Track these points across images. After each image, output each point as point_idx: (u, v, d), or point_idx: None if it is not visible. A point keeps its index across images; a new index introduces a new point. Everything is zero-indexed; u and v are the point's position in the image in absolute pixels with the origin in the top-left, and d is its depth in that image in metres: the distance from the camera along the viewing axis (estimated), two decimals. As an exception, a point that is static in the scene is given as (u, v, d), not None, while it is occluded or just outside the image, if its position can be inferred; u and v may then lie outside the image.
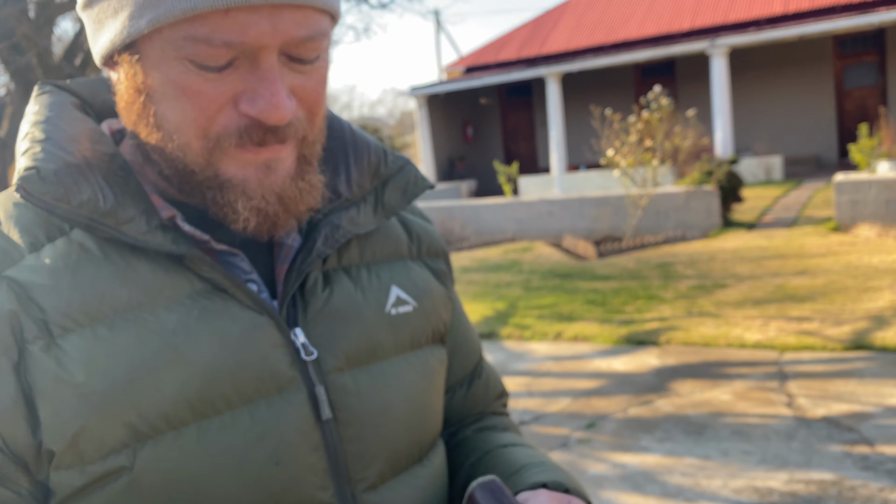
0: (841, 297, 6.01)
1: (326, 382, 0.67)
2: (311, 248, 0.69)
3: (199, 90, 0.59)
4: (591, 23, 18.64)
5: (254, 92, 0.59)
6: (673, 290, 7.01)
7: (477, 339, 0.93)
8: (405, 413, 0.72)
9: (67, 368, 0.58)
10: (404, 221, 0.83)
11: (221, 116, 0.60)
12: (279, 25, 0.58)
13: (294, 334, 0.67)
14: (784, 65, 16.82)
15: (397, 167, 0.78)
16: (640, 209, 10.06)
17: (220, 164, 0.62)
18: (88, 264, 0.62)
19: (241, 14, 0.56)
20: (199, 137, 0.61)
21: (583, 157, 17.51)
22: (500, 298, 7.53)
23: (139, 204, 0.63)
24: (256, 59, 0.59)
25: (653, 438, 3.86)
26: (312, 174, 0.66)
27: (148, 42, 0.59)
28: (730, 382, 4.56)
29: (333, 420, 0.67)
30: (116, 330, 0.60)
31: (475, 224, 11.93)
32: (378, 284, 0.75)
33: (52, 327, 0.59)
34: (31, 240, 0.62)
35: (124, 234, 0.61)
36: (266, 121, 0.60)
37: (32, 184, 0.59)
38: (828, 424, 3.80)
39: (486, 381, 0.93)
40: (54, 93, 0.70)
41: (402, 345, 0.75)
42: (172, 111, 0.60)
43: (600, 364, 5.22)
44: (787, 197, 12.15)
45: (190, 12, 0.55)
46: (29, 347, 0.59)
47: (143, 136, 0.64)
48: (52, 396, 0.58)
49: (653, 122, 10.56)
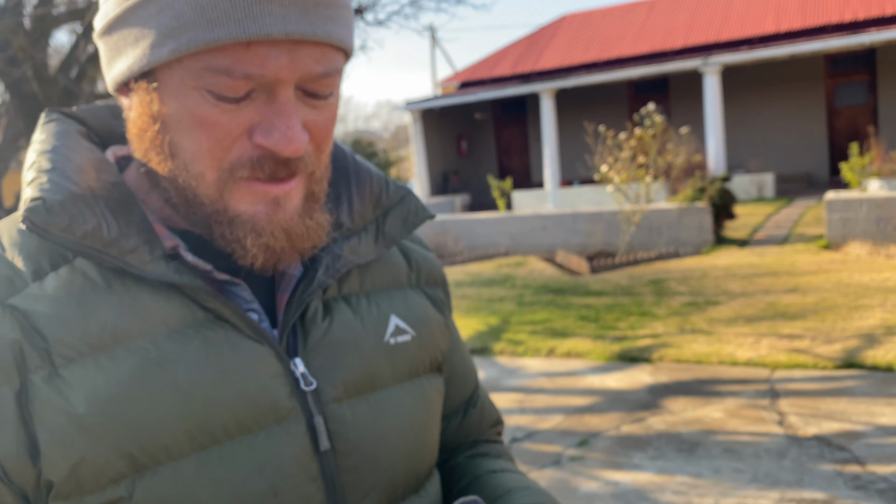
0: (832, 315, 6.04)
1: (325, 413, 0.67)
2: (313, 277, 0.70)
3: (215, 121, 0.59)
4: (585, 40, 18.78)
5: (269, 124, 0.60)
6: (666, 307, 7.03)
7: (473, 366, 0.93)
8: (403, 443, 0.72)
9: (68, 399, 0.58)
10: (404, 249, 0.84)
11: (236, 147, 0.61)
12: (298, 60, 0.59)
13: (294, 364, 0.67)
14: (776, 83, 16.97)
15: (398, 197, 0.79)
16: (633, 225, 10.10)
17: (231, 199, 0.62)
18: (91, 293, 0.62)
19: (262, 48, 0.57)
20: (214, 168, 0.61)
21: (576, 172, 17.60)
22: (493, 313, 7.54)
23: (142, 234, 0.64)
24: (273, 91, 0.60)
25: (645, 456, 3.86)
26: (319, 212, 0.67)
27: (167, 71, 0.60)
28: (721, 400, 4.57)
29: (332, 451, 0.67)
30: (118, 360, 0.60)
31: (468, 238, 11.95)
32: (377, 314, 0.75)
33: (54, 357, 0.59)
34: (34, 268, 0.62)
35: (127, 264, 0.62)
36: (280, 153, 0.60)
37: (38, 215, 0.60)
38: (819, 443, 3.81)
39: (481, 410, 0.93)
40: (61, 121, 0.70)
41: (400, 374, 0.75)
42: (188, 140, 0.61)
43: (593, 381, 5.22)
44: (778, 214, 12.22)
45: (212, 43, 0.56)
46: (31, 377, 0.59)
47: (155, 163, 0.64)
48: (52, 427, 0.58)
49: (646, 139, 10.63)
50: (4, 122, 5.91)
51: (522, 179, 20.14)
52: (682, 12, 18.05)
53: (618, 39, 18.10)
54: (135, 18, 0.59)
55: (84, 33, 5.01)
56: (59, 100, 4.90)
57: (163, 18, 0.58)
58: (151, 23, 0.58)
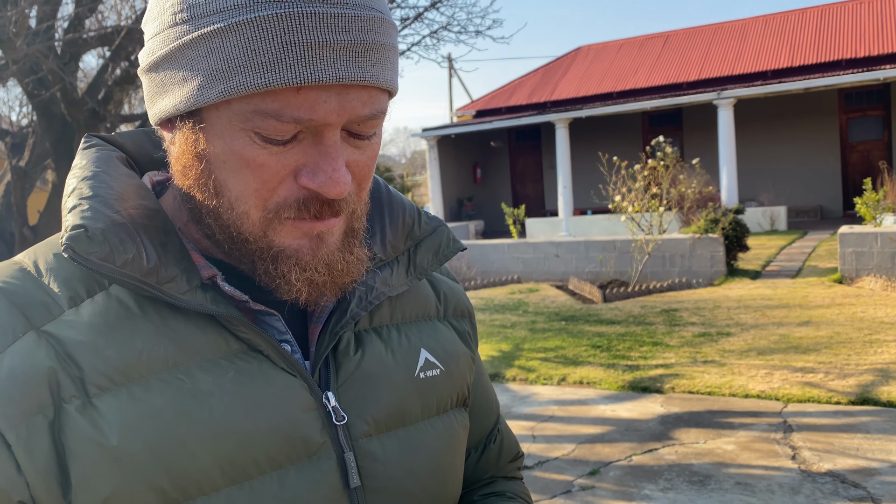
0: (846, 350, 6.02)
1: (355, 448, 0.67)
2: (346, 309, 0.69)
3: (262, 162, 0.59)
4: (600, 71, 18.95)
5: (315, 166, 0.60)
6: (678, 337, 7.03)
7: (495, 400, 0.92)
8: (430, 481, 0.72)
9: (102, 430, 0.57)
10: (432, 281, 0.84)
11: (282, 188, 0.61)
12: (346, 104, 0.58)
13: (326, 398, 0.67)
14: (790, 117, 17.02)
15: (430, 229, 0.79)
16: (646, 254, 10.11)
17: (276, 236, 0.62)
18: (126, 322, 0.61)
19: (312, 92, 0.57)
20: (259, 208, 0.61)
21: (590, 201, 17.64)
22: (505, 339, 7.55)
23: (181, 263, 0.63)
24: (320, 134, 0.60)
25: (656, 487, 3.85)
26: (358, 247, 0.67)
27: (214, 111, 0.60)
28: (734, 432, 4.56)
29: (361, 487, 0.67)
30: (152, 390, 0.60)
31: (481, 264, 11.98)
32: (408, 347, 0.75)
33: (88, 386, 0.58)
34: (70, 294, 0.62)
35: (165, 294, 0.61)
36: (326, 195, 0.60)
37: (80, 243, 0.59)
38: (833, 479, 3.79)
39: (500, 445, 0.92)
40: (100, 146, 0.70)
41: (428, 409, 0.75)
42: (234, 180, 0.61)
43: (605, 410, 5.22)
44: (791, 247, 12.19)
45: (263, 88, 0.56)
46: (65, 406, 0.58)
47: (200, 199, 0.64)
48: (85, 458, 0.57)
49: (659, 170, 10.68)
50: (31, 142, 6.04)
51: (536, 207, 20.22)
52: (697, 46, 18.20)
53: (633, 71, 18.24)
54: (183, 58, 0.59)
55: (111, 58, 5.14)
56: (86, 121, 5.01)
57: (212, 60, 0.57)
58: (200, 64, 0.58)
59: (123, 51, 5.09)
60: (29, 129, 6.70)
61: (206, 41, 0.57)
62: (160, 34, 0.61)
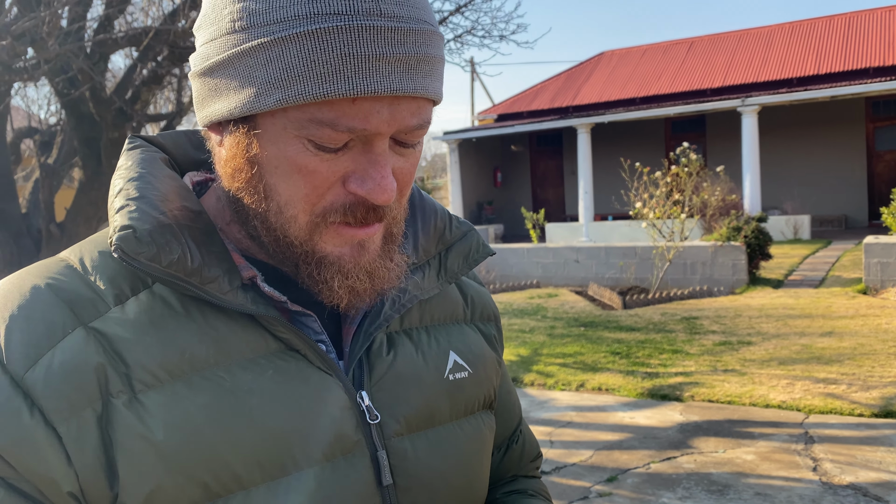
0: (869, 361, 5.94)
1: (388, 447, 0.68)
2: (379, 311, 0.71)
3: (314, 168, 0.61)
4: (623, 76, 18.87)
5: (364, 173, 0.62)
6: (698, 346, 6.98)
7: (518, 402, 0.95)
8: (458, 480, 0.74)
9: (147, 425, 0.59)
10: (460, 285, 0.85)
11: (330, 193, 0.62)
12: (397, 114, 0.60)
13: (360, 397, 0.68)
14: (815, 124, 16.85)
15: (461, 233, 0.81)
16: (667, 261, 10.05)
17: (320, 241, 0.64)
18: (170, 320, 0.63)
19: (367, 103, 0.58)
20: (307, 212, 0.63)
21: (611, 206, 17.57)
22: (524, 344, 7.54)
23: (222, 264, 0.65)
24: (370, 142, 0.61)
25: (674, 496, 3.83)
26: (397, 253, 0.69)
27: (269, 118, 0.61)
28: (753, 442, 4.52)
29: (393, 485, 0.68)
30: (194, 388, 0.61)
31: (500, 268, 11.97)
32: (437, 349, 0.77)
33: (134, 382, 0.60)
34: (116, 292, 0.63)
35: (208, 294, 0.63)
36: (374, 201, 0.62)
37: (129, 244, 0.60)
38: (855, 492, 3.75)
39: (523, 445, 0.94)
40: (144, 148, 0.72)
41: (457, 411, 0.76)
42: (284, 185, 0.62)
43: (623, 417, 5.19)
44: (814, 256, 12.06)
45: (321, 98, 0.57)
46: (113, 401, 0.59)
47: (248, 202, 0.65)
48: (131, 452, 0.59)
49: (682, 176, 10.62)
50: (59, 140, 6.13)
51: (557, 212, 20.17)
52: (722, 52, 18.08)
53: (656, 77, 18.15)
54: (240, 65, 0.60)
55: (139, 58, 5.21)
56: (114, 120, 5.08)
57: (271, 69, 0.58)
58: (258, 72, 0.59)
59: (151, 51, 5.15)
60: (57, 127, 6.80)
61: (265, 50, 0.58)
62: (216, 40, 0.62)
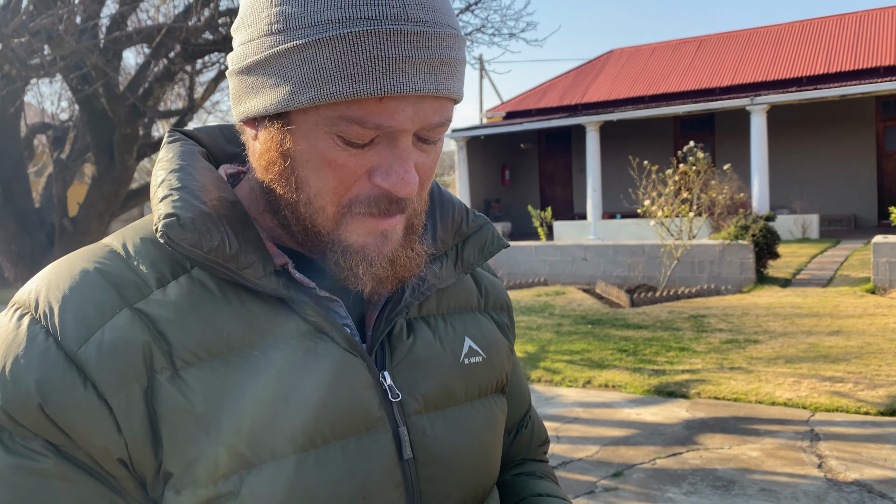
0: (876, 360, 5.95)
1: (408, 424, 0.73)
2: (400, 298, 0.76)
3: (342, 163, 0.65)
4: (632, 74, 18.85)
5: (389, 167, 0.66)
6: (705, 343, 7.00)
7: (527, 389, 0.99)
8: (473, 457, 0.78)
9: (189, 399, 0.64)
10: (475, 275, 0.90)
11: (356, 186, 0.67)
12: (420, 113, 0.64)
13: (383, 377, 0.73)
14: (824, 124, 16.80)
15: (477, 226, 0.85)
16: (674, 260, 10.07)
17: (345, 230, 0.68)
18: (208, 302, 0.68)
19: (393, 102, 0.63)
20: (335, 203, 0.67)
21: (619, 205, 17.57)
22: (531, 341, 7.57)
23: (257, 251, 0.69)
24: (395, 139, 0.65)
25: (679, 491, 3.86)
26: (418, 243, 0.73)
27: (302, 115, 0.65)
28: (759, 439, 4.54)
29: (413, 460, 0.72)
30: (231, 366, 0.66)
31: (508, 266, 12.01)
32: (453, 335, 0.81)
33: (175, 360, 0.65)
34: (157, 275, 0.68)
35: (244, 278, 0.67)
36: (397, 194, 0.66)
37: (173, 230, 0.65)
38: (860, 489, 3.77)
39: (532, 430, 0.99)
40: (183, 141, 0.76)
41: (472, 393, 0.81)
42: (314, 177, 0.66)
43: (629, 413, 5.23)
44: (823, 255, 12.05)
45: (351, 97, 0.62)
46: (157, 377, 0.64)
47: (280, 193, 0.69)
48: (174, 424, 0.63)
49: (690, 175, 10.63)
50: (72, 136, 6.20)
51: (565, 210, 20.18)
52: (731, 51, 18.04)
53: (665, 75, 18.13)
54: (277, 65, 0.64)
55: (152, 55, 5.27)
56: (126, 116, 5.14)
57: (305, 69, 0.62)
58: (293, 72, 0.63)
59: (164, 48, 5.21)
60: (69, 122, 6.87)
61: (300, 51, 0.63)
62: (254, 41, 0.66)
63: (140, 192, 6.40)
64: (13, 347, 0.63)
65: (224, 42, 5.32)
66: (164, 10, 6.46)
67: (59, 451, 0.63)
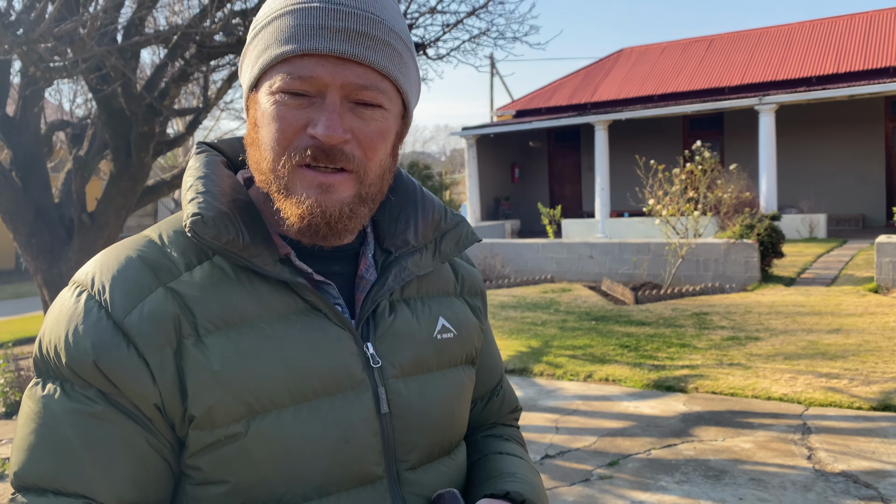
0: (873, 358, 6.06)
1: (386, 385, 0.89)
2: (384, 283, 0.92)
3: (283, 115, 0.82)
4: (642, 74, 18.91)
5: (318, 119, 0.81)
6: (706, 340, 7.12)
7: (500, 363, 1.15)
8: (440, 415, 0.94)
9: (209, 359, 0.80)
10: (453, 265, 1.07)
11: (297, 138, 0.82)
12: (341, 72, 0.81)
13: (366, 347, 0.89)
14: (833, 123, 16.81)
15: (454, 223, 1.01)
16: (679, 258, 10.18)
17: (291, 181, 0.83)
18: (226, 284, 0.84)
19: (314, 58, 0.81)
20: (280, 153, 0.83)
21: (627, 203, 17.66)
22: (535, 336, 7.72)
23: (265, 243, 0.85)
24: (324, 97, 0.81)
25: (672, 480, 4.01)
26: (362, 209, 0.86)
27: (261, 85, 0.85)
28: (752, 432, 4.68)
29: (389, 414, 0.89)
30: (243, 334, 0.82)
31: (515, 262, 12.15)
32: (429, 315, 0.97)
33: (199, 328, 0.81)
34: (186, 261, 0.85)
35: (254, 265, 0.84)
36: (323, 141, 0.80)
37: (198, 226, 0.82)
38: (846, 479, 3.90)
39: (503, 398, 1.14)
40: (208, 153, 0.94)
41: (443, 363, 0.97)
42: (267, 132, 0.83)
43: (628, 406, 5.37)
44: (828, 255, 12.11)
45: (282, 56, 0.81)
46: (184, 341, 0.80)
47: (251, 158, 0.87)
48: (197, 378, 0.79)
49: (696, 174, 10.73)
50: (90, 133, 6.39)
51: (574, 208, 20.28)
52: (741, 50, 18.07)
53: (675, 75, 18.19)
54: (249, 55, 0.87)
55: (168, 55, 5.44)
56: (144, 115, 5.33)
57: (259, 47, 0.85)
58: (253, 53, 0.86)
59: (179, 49, 5.39)
60: (87, 120, 7.07)
61: (256, 38, 0.86)
62: (247, 46, 0.89)
63: (156, 188, 6.59)
64: (74, 318, 0.81)
65: (238, 44, 5.50)
66: (178, 9, 6.64)
67: (107, 399, 0.80)
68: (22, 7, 4.55)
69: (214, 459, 0.81)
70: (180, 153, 17.29)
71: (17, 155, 6.00)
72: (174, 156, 17.97)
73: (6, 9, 4.43)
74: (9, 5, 4.48)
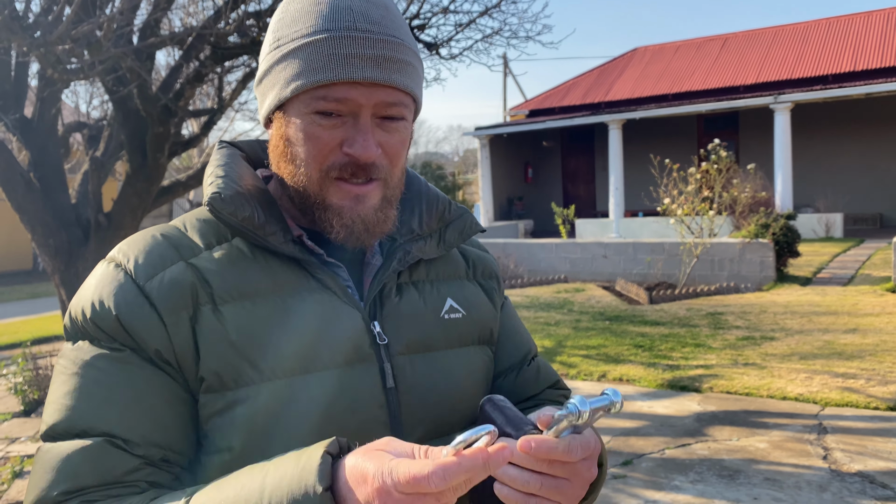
0: (890, 358, 6.01)
1: (392, 361, 0.93)
2: (389, 266, 0.98)
3: (318, 135, 0.88)
4: (656, 73, 18.83)
5: (353, 139, 0.88)
6: (721, 340, 7.09)
7: (528, 337, 1.16)
8: (448, 391, 0.97)
9: (224, 326, 0.86)
10: (463, 252, 1.11)
11: (331, 155, 0.89)
12: (372, 95, 0.88)
13: (373, 325, 0.94)
14: (850, 122, 16.66)
15: (458, 214, 1.08)
16: (694, 258, 10.13)
17: (327, 193, 0.90)
18: (243, 261, 0.91)
19: (347, 84, 0.87)
20: (317, 169, 0.90)
21: (641, 203, 17.58)
22: (549, 336, 7.71)
23: (279, 223, 0.92)
24: (357, 117, 0.88)
25: (686, 479, 4.00)
26: (390, 210, 0.94)
27: (293, 105, 0.90)
28: (767, 432, 4.65)
29: (395, 388, 0.93)
30: (257, 306, 0.88)
31: (529, 262, 12.14)
32: (437, 296, 1.02)
33: (216, 298, 0.88)
34: (206, 242, 0.92)
35: (268, 243, 0.90)
36: (359, 158, 0.88)
37: (217, 202, 0.90)
38: (862, 480, 3.88)
39: (537, 370, 1.12)
40: (229, 148, 1.01)
41: (451, 342, 1.00)
42: (302, 150, 0.90)
43: (642, 406, 5.35)
44: (845, 254, 12.01)
45: (317, 83, 0.87)
46: (201, 308, 0.87)
47: (283, 170, 0.93)
48: (211, 343, 0.85)
49: (712, 173, 10.67)
50: (107, 134, 6.45)
51: (588, 208, 20.22)
52: (756, 48, 17.95)
53: (689, 73, 18.10)
54: (273, 72, 0.91)
55: (183, 57, 5.49)
56: (159, 116, 5.37)
57: (289, 70, 0.89)
58: (282, 74, 0.90)
59: (194, 51, 5.43)
60: (103, 121, 7.13)
61: (285, 59, 0.90)
62: (264, 59, 0.93)
63: (171, 188, 6.64)
64: (103, 282, 0.89)
65: (252, 45, 5.54)
66: (192, 10, 6.69)
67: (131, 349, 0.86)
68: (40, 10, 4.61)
69: (223, 425, 0.86)
70: (195, 154, 17.41)
71: (35, 156, 6.06)
72: (189, 156, 18.11)
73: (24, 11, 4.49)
74: (27, 8, 4.53)
